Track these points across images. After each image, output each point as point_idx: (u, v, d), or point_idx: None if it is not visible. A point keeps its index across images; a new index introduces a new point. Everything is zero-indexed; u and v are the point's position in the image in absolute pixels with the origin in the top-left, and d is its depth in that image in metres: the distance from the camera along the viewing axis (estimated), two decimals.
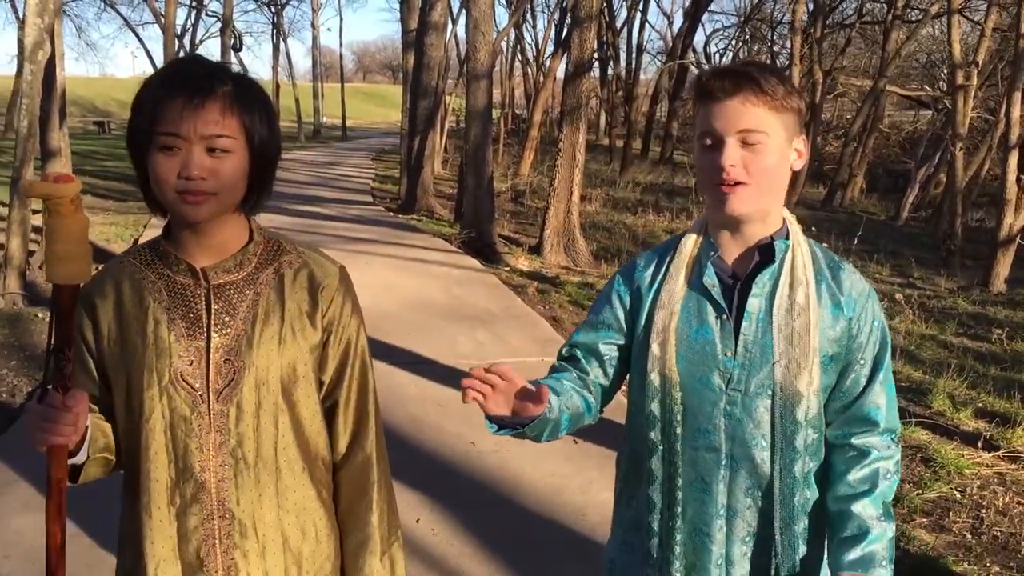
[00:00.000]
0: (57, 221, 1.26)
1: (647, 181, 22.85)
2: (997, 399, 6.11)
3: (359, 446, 1.57)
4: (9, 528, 3.70)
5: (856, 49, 30.67)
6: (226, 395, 1.44)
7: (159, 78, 1.39)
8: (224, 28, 24.47)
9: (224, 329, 1.44)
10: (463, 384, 1.42)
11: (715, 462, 1.58)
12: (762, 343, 1.56)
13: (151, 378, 1.42)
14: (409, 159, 15.97)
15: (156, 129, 1.34)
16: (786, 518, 1.57)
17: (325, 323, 1.52)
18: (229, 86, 1.38)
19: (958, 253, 14.73)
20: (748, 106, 1.48)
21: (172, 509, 1.44)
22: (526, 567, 3.54)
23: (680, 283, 1.63)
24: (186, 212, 1.38)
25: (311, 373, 1.51)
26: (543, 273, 10.37)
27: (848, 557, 1.53)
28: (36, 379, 5.77)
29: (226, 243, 1.47)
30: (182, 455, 1.43)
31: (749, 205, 1.52)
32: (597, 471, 4.42)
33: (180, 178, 1.35)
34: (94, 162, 22.86)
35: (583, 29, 11.11)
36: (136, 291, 1.46)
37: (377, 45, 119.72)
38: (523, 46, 37.66)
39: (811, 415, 1.55)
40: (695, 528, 1.62)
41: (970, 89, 15.58)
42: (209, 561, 1.44)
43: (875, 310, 1.60)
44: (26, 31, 7.92)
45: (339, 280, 1.55)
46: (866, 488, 1.57)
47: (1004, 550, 3.87)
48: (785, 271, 1.57)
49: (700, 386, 1.58)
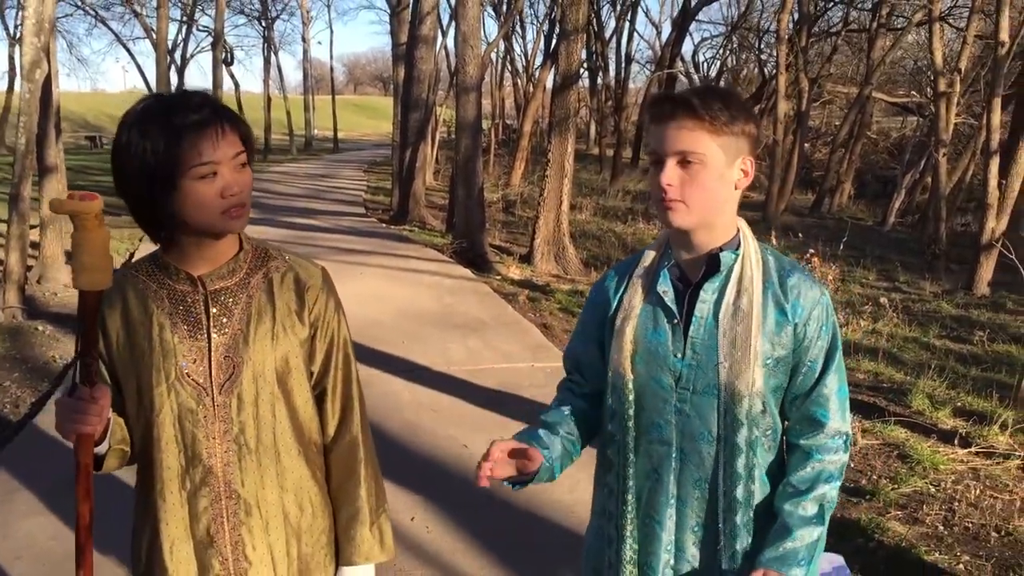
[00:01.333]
0: (83, 235, 1.41)
1: (637, 190, 23.03)
2: (976, 398, 6.27)
3: (346, 429, 1.75)
4: (20, 531, 3.84)
5: (842, 57, 30.93)
6: (227, 388, 1.60)
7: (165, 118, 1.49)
8: (216, 43, 24.64)
9: (222, 329, 1.61)
10: (479, 475, 1.59)
11: (666, 455, 1.73)
12: (708, 346, 1.68)
13: (159, 376, 1.58)
14: (401, 171, 16.13)
15: (191, 163, 1.48)
16: (727, 509, 1.69)
17: (312, 319, 1.69)
18: (233, 118, 1.55)
19: (943, 257, 14.93)
20: (684, 130, 1.60)
21: (183, 493, 1.60)
22: (516, 563, 3.69)
23: (639, 290, 1.77)
24: (232, 226, 1.56)
25: (302, 365, 1.68)
26: (534, 281, 10.53)
27: (767, 554, 1.63)
28: (39, 390, 5.91)
29: (223, 253, 1.63)
30: (190, 444, 1.59)
31: (686, 220, 1.65)
32: (584, 472, 4.53)
33: (224, 198, 1.51)
34: (87, 177, 22.94)
35: (570, 41, 11.29)
36: (140, 300, 1.61)
37: (367, 57, 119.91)
38: (512, 57, 37.86)
39: (753, 414, 1.67)
40: (648, 515, 1.76)
41: (953, 96, 15.80)
42: (218, 538, 1.61)
43: (824, 316, 1.69)
44: (23, 50, 8.07)
45: (322, 280, 1.73)
46: (803, 489, 1.67)
47: (975, 540, 4.04)
48: (733, 279, 1.69)
49: (654, 384, 1.73)
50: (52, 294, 9.02)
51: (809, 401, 1.70)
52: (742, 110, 1.64)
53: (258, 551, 1.63)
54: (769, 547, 1.64)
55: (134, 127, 1.49)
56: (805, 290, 1.68)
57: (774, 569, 1.60)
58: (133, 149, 1.49)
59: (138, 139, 1.48)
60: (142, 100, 1.56)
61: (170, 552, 1.60)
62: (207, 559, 1.60)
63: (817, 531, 1.65)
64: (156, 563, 1.61)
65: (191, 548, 1.60)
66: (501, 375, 6.40)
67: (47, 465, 4.56)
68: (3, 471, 4.46)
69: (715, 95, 1.63)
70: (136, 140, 1.48)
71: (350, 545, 1.73)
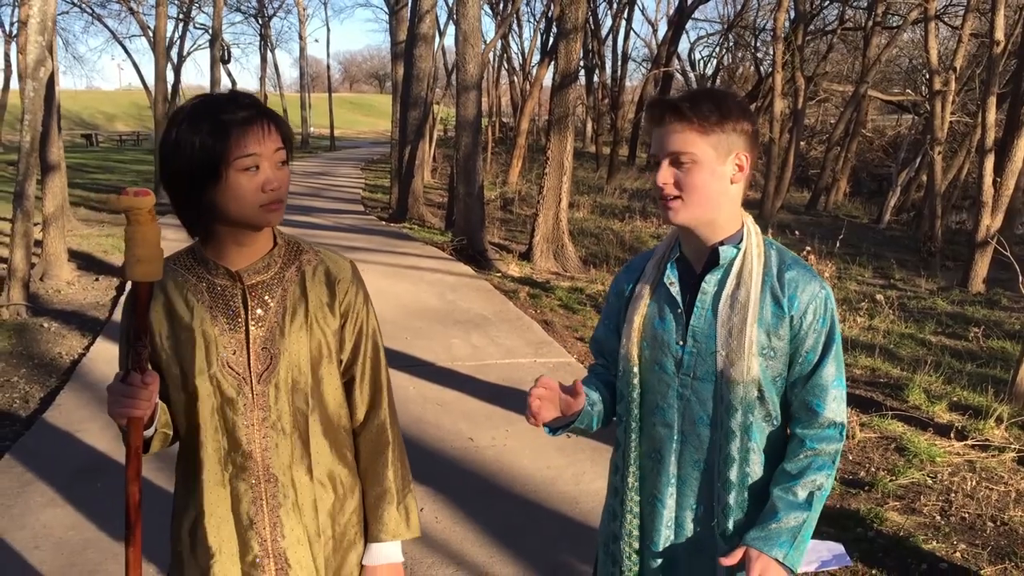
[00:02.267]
0: (136, 229, 1.49)
1: (634, 187, 23.13)
2: (971, 393, 6.36)
3: (375, 414, 1.84)
4: (37, 522, 3.92)
5: (838, 55, 31.05)
6: (265, 378, 1.69)
7: (215, 114, 1.58)
8: (214, 41, 24.61)
9: (260, 322, 1.69)
10: (533, 412, 1.71)
11: (668, 436, 1.83)
12: (708, 334, 1.78)
13: (202, 366, 1.66)
14: (400, 168, 16.20)
15: (237, 154, 1.56)
16: (721, 489, 1.79)
17: (342, 311, 1.78)
18: (277, 119, 1.64)
19: (938, 254, 15.06)
20: (674, 133, 1.71)
21: (225, 475, 1.69)
22: (524, 551, 3.78)
23: (649, 281, 1.89)
24: (269, 220, 1.63)
25: (333, 354, 1.77)
26: (534, 279, 10.61)
27: (752, 533, 1.72)
28: (47, 386, 5.98)
29: (259, 248, 1.72)
30: (231, 430, 1.68)
31: (684, 216, 1.75)
32: (589, 463, 4.67)
33: (264, 192, 1.60)
34: (84, 175, 23.03)
35: (569, 40, 11.35)
36: (181, 293, 1.70)
37: (364, 55, 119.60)
38: (509, 55, 37.94)
39: (748, 400, 1.76)
40: (650, 493, 1.86)
41: (948, 94, 15.91)
42: (258, 519, 1.70)
43: (822, 310, 1.75)
44: (28, 48, 8.14)
45: (351, 273, 1.82)
46: (794, 474, 1.75)
47: (971, 530, 4.14)
48: (733, 272, 1.78)
49: (658, 370, 1.83)
50: (55, 291, 9.08)
51: (805, 391, 1.78)
52: (735, 109, 1.73)
53: (295, 532, 1.72)
54: (756, 527, 1.74)
55: (184, 123, 1.58)
56: (803, 284, 1.76)
57: (756, 547, 1.70)
58: (183, 143, 1.57)
59: (188, 134, 1.56)
60: (192, 99, 1.65)
61: (216, 531, 1.69)
62: (248, 539, 1.69)
63: (803, 515, 1.72)
64: (199, 541, 1.69)
65: (232, 527, 1.69)
66: (504, 370, 6.48)
67: (59, 459, 4.64)
68: (16, 464, 4.53)
69: (706, 97, 1.73)
70: (186, 134, 1.56)
71: (378, 523, 1.81)
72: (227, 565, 1.69)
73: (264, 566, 1.70)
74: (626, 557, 1.89)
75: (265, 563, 1.70)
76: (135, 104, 59.32)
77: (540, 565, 3.67)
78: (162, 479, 4.22)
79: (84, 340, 7.20)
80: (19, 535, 3.80)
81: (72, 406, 5.48)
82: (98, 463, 4.60)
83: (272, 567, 1.70)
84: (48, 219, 9.61)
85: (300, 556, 1.72)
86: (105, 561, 3.60)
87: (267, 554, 1.70)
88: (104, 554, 3.66)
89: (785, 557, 1.69)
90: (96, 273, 10.09)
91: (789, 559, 1.69)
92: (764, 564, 1.68)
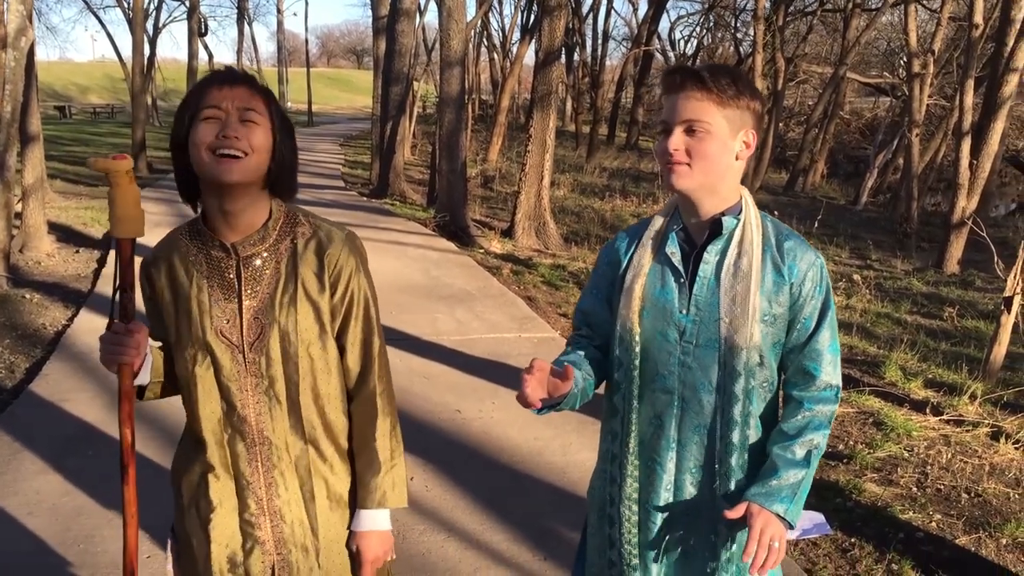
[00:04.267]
0: (117, 191, 1.64)
1: (614, 167, 23.20)
2: (946, 371, 6.52)
3: (365, 383, 1.87)
4: (30, 489, 3.95)
5: (817, 36, 31.21)
6: (257, 347, 1.76)
7: (201, 80, 1.71)
8: (191, 13, 24.37)
9: (252, 293, 1.76)
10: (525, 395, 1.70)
11: (668, 402, 1.88)
12: (711, 303, 1.83)
13: (198, 333, 1.74)
14: (381, 144, 16.16)
15: (199, 106, 1.65)
16: (723, 451, 1.86)
17: (331, 281, 1.81)
18: (251, 80, 1.72)
19: (914, 236, 15.26)
20: (692, 100, 1.75)
21: (224, 436, 1.78)
22: (513, 518, 3.85)
23: (648, 251, 1.93)
24: (221, 172, 1.64)
25: (327, 324, 1.82)
26: (516, 255, 10.67)
27: (753, 489, 1.80)
28: (32, 357, 5.98)
29: (252, 223, 1.77)
30: (227, 395, 1.76)
31: (689, 182, 1.79)
32: (576, 434, 4.75)
33: (218, 138, 1.64)
34: (59, 147, 22.75)
35: (553, 18, 11.35)
36: (183, 263, 1.77)
37: (341, 30, 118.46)
38: (489, 32, 37.78)
39: (751, 366, 1.82)
40: (650, 458, 1.92)
41: (926, 77, 16.07)
42: (254, 479, 1.79)
43: (817, 277, 1.82)
44: (9, 18, 8.03)
45: (343, 243, 1.83)
46: (792, 434, 1.82)
47: (946, 500, 4.26)
48: (734, 242, 1.83)
49: (660, 338, 1.88)
50: (36, 263, 9.02)
51: (802, 356, 1.84)
52: (748, 86, 1.79)
53: (289, 491, 1.81)
54: (756, 484, 1.81)
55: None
56: (801, 253, 1.83)
57: (758, 503, 1.77)
58: (178, 115, 1.68)
59: (180, 106, 1.69)
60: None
61: (217, 486, 1.78)
62: (245, 497, 1.79)
63: (802, 472, 1.80)
64: (202, 495, 1.79)
65: (232, 485, 1.79)
66: (489, 345, 6.54)
67: (49, 427, 4.65)
68: (3, 435, 4.54)
69: (724, 71, 1.78)
70: (180, 107, 1.69)
71: (364, 491, 1.86)
72: (226, 518, 1.78)
73: (260, 523, 1.79)
74: (625, 519, 1.95)
75: (260, 520, 1.79)
76: (108, 76, 58.58)
77: (530, 531, 3.74)
78: (155, 450, 4.26)
79: (68, 311, 7.19)
80: (13, 501, 3.83)
81: (59, 376, 5.48)
82: (88, 432, 4.62)
83: (267, 524, 1.79)
84: (27, 191, 9.52)
85: (294, 515, 1.81)
86: (100, 527, 3.63)
87: (263, 511, 1.79)
88: (98, 519, 3.70)
89: (786, 512, 1.76)
90: (76, 245, 10.04)
91: (789, 514, 1.77)
92: (766, 518, 1.75)
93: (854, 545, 3.79)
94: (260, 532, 1.79)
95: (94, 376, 5.47)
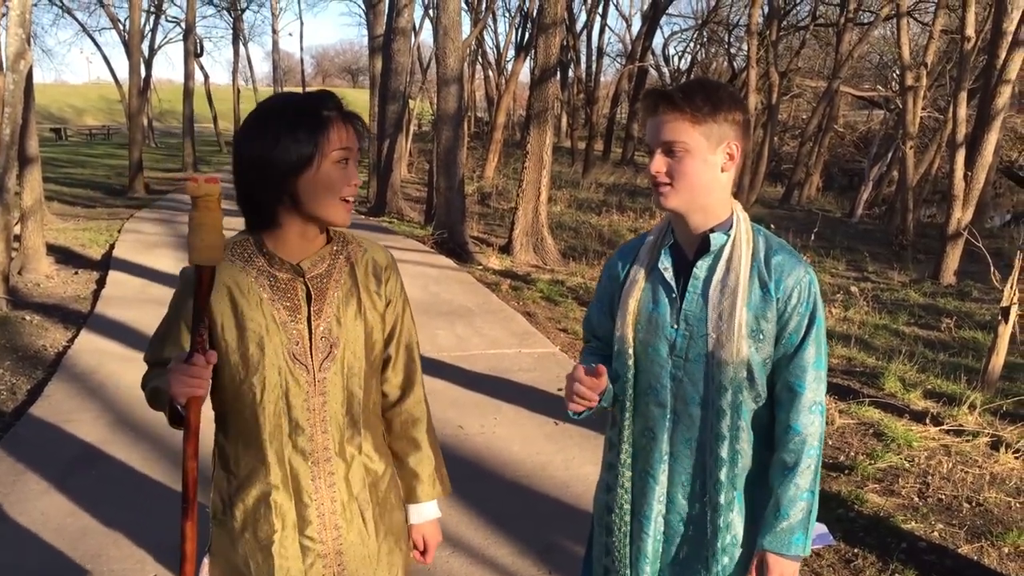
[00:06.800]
0: (204, 215, 1.53)
1: (610, 182, 23.28)
2: (944, 381, 6.54)
3: (412, 389, 1.98)
4: (35, 509, 3.95)
5: (811, 51, 31.37)
6: (325, 365, 1.79)
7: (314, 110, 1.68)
8: (187, 34, 24.49)
9: (320, 313, 1.79)
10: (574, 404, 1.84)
11: (661, 416, 1.92)
12: (699, 318, 1.86)
13: (271, 358, 1.76)
14: (378, 162, 16.22)
15: (335, 146, 1.67)
16: (712, 466, 1.88)
17: (386, 297, 1.89)
18: (349, 110, 1.75)
19: (910, 248, 15.31)
20: (667, 123, 1.78)
21: (285, 453, 1.79)
22: (518, 533, 3.86)
23: (643, 267, 1.97)
24: (345, 217, 1.73)
25: (381, 337, 1.90)
26: (514, 271, 10.70)
27: (767, 537, 1.83)
28: (33, 379, 5.98)
29: (317, 242, 1.81)
30: (293, 414, 1.78)
31: (675, 201, 1.83)
32: (578, 448, 4.76)
33: (348, 185, 1.71)
34: (56, 169, 22.80)
35: (548, 35, 11.43)
36: (244, 285, 1.77)
37: (336, 49, 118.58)
38: (484, 50, 37.94)
39: (738, 380, 1.84)
40: (643, 470, 1.96)
41: (919, 90, 16.18)
42: (317, 496, 1.81)
43: (806, 294, 1.82)
44: (8, 41, 8.09)
45: (388, 258, 1.93)
46: (791, 464, 1.83)
47: (948, 510, 4.28)
48: (723, 258, 1.86)
49: (652, 352, 1.92)
50: (35, 284, 9.04)
51: (787, 371, 1.85)
52: (727, 99, 1.80)
53: (348, 502, 1.84)
54: (767, 529, 1.83)
55: (275, 117, 1.67)
56: (789, 269, 1.84)
57: (774, 552, 1.81)
58: (281, 134, 1.65)
59: (285, 127, 1.65)
60: (274, 97, 1.74)
61: (279, 508, 1.79)
62: (306, 515, 1.80)
63: (809, 502, 1.83)
64: (263, 517, 1.79)
65: (293, 503, 1.80)
66: (489, 360, 6.56)
67: (52, 449, 4.66)
68: (6, 456, 4.54)
69: (698, 88, 1.80)
70: (284, 127, 1.65)
71: (421, 485, 1.99)
72: (288, 537, 1.80)
73: (322, 538, 1.81)
74: (617, 529, 1.99)
75: (323, 534, 1.81)
76: (104, 98, 58.65)
77: (534, 545, 3.76)
78: (158, 470, 4.27)
79: (68, 332, 7.20)
80: (18, 522, 3.83)
81: (61, 397, 5.49)
82: (91, 452, 4.63)
83: (329, 538, 1.82)
84: (26, 213, 9.55)
85: (354, 526, 1.85)
86: (106, 547, 3.64)
87: (324, 526, 1.81)
88: (104, 540, 3.71)
89: (803, 548, 1.81)
90: (75, 266, 10.06)
91: (804, 547, 1.82)
92: (782, 568, 1.80)
93: (857, 555, 3.80)
94: (322, 546, 1.82)
95: (96, 397, 5.48)
